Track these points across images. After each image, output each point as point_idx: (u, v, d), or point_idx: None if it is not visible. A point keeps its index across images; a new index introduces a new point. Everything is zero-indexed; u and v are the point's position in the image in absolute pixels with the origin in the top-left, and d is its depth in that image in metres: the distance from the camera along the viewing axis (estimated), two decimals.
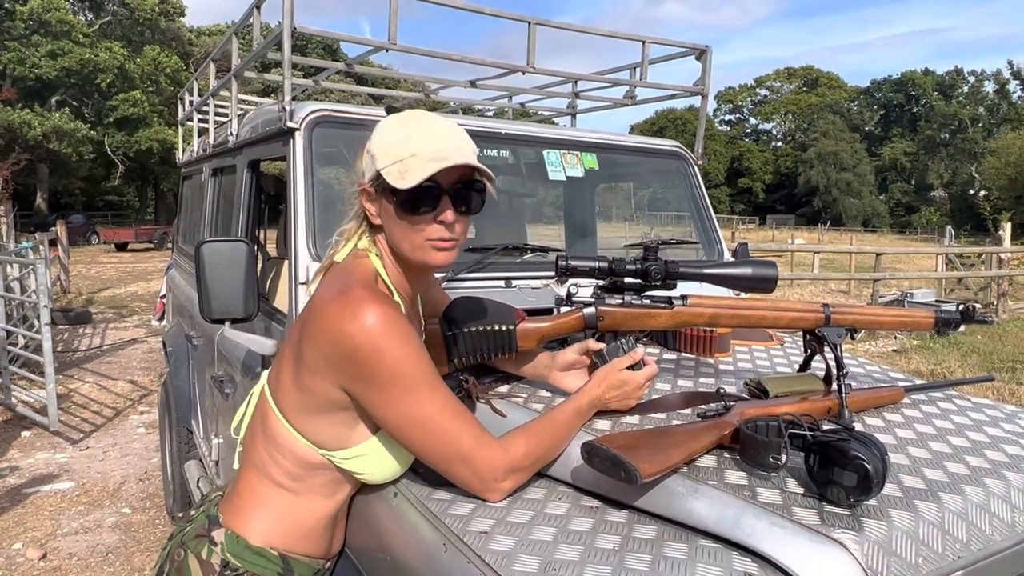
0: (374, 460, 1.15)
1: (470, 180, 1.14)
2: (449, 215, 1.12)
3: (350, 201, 1.22)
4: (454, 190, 1.12)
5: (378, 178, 1.11)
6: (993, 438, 1.31)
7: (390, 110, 1.22)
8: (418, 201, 1.10)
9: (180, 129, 4.78)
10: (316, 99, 2.33)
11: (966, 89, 62.89)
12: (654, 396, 1.42)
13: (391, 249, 1.18)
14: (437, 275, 1.91)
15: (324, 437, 1.13)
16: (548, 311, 1.51)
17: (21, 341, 6.29)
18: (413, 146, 1.10)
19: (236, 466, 1.26)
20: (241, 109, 2.86)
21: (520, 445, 1.11)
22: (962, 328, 1.48)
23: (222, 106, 3.28)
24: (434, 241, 1.13)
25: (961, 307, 1.42)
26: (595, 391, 1.25)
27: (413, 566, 1.05)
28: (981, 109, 60.73)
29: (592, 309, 1.37)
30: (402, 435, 1.09)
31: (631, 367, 1.29)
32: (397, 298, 1.17)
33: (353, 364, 1.04)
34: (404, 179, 1.08)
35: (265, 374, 1.24)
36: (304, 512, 1.17)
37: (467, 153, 1.11)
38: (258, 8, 2.23)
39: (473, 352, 1.37)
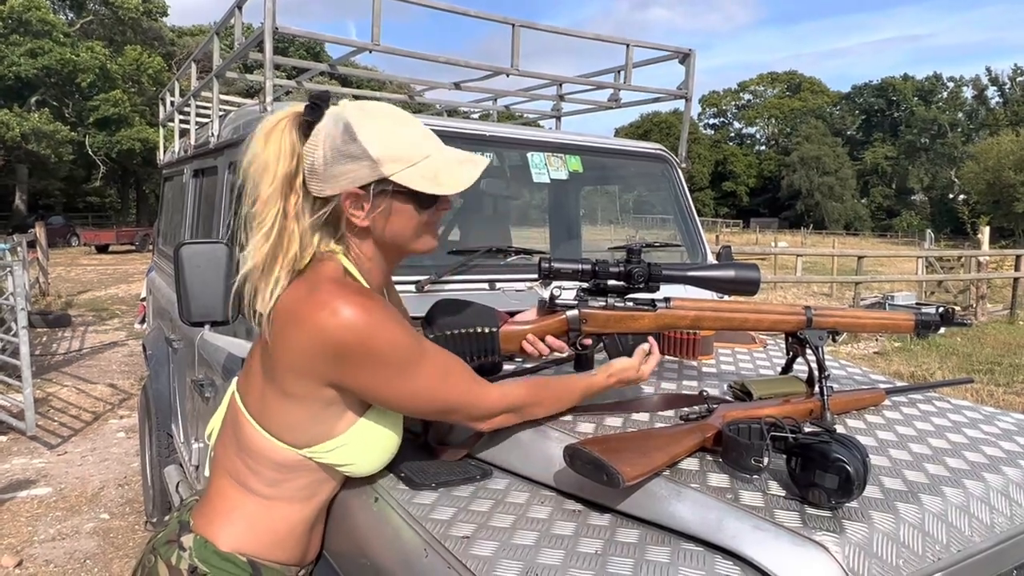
0: (358, 448, 1.13)
1: None
2: (448, 204, 1.16)
3: (264, 214, 1.08)
4: None
5: (382, 183, 1.08)
6: (972, 440, 1.32)
7: (317, 100, 1.10)
8: (435, 197, 1.12)
9: (162, 130, 4.73)
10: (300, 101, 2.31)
11: (945, 95, 63.75)
12: (638, 397, 1.42)
13: (375, 243, 1.15)
14: (415, 279, 1.90)
15: (305, 436, 1.11)
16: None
17: None
18: (421, 147, 1.10)
19: (207, 473, 1.24)
20: (223, 110, 2.83)
21: (520, 392, 1.19)
22: (941, 331, 1.49)
23: (204, 107, 3.26)
24: (434, 227, 1.17)
25: (941, 310, 1.43)
26: (608, 381, 1.30)
27: (393, 571, 1.04)
28: (960, 114, 61.60)
29: (575, 311, 1.37)
30: (399, 407, 1.14)
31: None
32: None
33: (342, 360, 1.03)
34: (440, 185, 1.09)
35: (234, 381, 1.22)
36: (277, 519, 1.15)
37: (478, 157, 1.17)
38: (239, 8, 2.21)
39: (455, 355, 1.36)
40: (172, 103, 3.98)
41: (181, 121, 3.81)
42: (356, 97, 4.08)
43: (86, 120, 29.86)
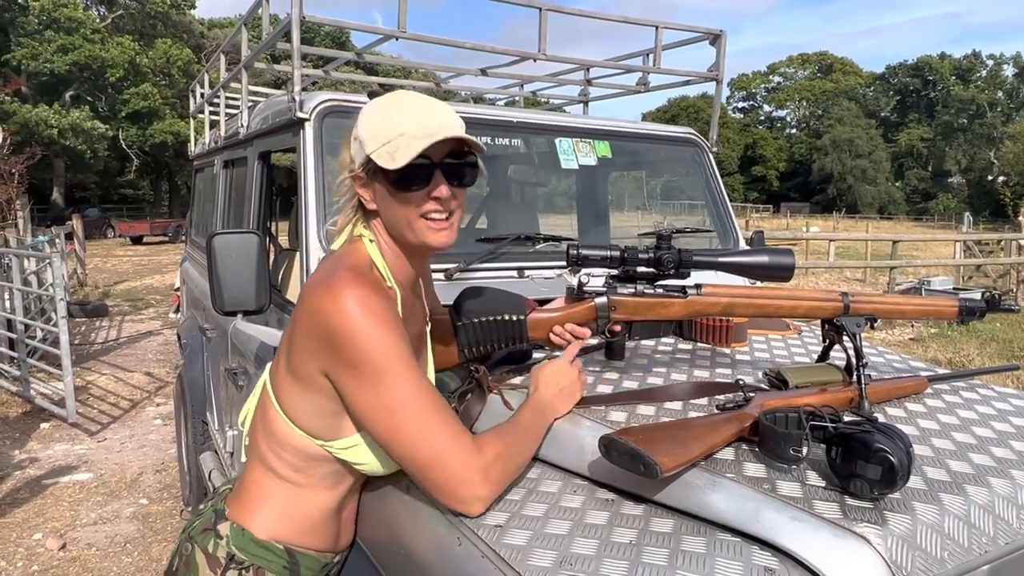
0: (370, 449, 1.13)
1: (461, 153, 1.13)
2: (443, 189, 1.11)
3: (340, 191, 1.20)
4: (446, 165, 1.12)
5: (369, 162, 1.11)
6: (1019, 428, 1.28)
7: (372, 95, 1.21)
8: (411, 179, 1.10)
9: (192, 122, 4.79)
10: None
11: (984, 73, 61.78)
12: (672, 385, 1.40)
13: (389, 233, 1.17)
14: (444, 267, 1.89)
15: (318, 427, 1.12)
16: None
17: (39, 334, 6.35)
18: (400, 126, 1.09)
19: (243, 459, 1.26)
20: (252, 101, 2.85)
21: (491, 443, 1.07)
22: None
23: (233, 98, 3.28)
24: (429, 220, 1.12)
25: (986, 295, 1.38)
26: (545, 393, 1.23)
27: (427, 560, 1.04)
28: (1000, 93, 59.66)
29: (604, 299, 1.35)
30: (373, 424, 1.05)
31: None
32: (393, 284, 1.16)
33: (329, 347, 1.04)
34: (395, 159, 1.07)
35: (268, 367, 1.23)
36: (309, 505, 1.17)
37: (454, 127, 1.11)
38: None
39: (483, 342, 1.35)
40: (202, 95, 4.01)
41: (211, 113, 3.85)
42: (382, 85, 4.09)
43: (119, 114, 30.41)
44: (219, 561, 1.14)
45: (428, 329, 1.33)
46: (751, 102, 74.36)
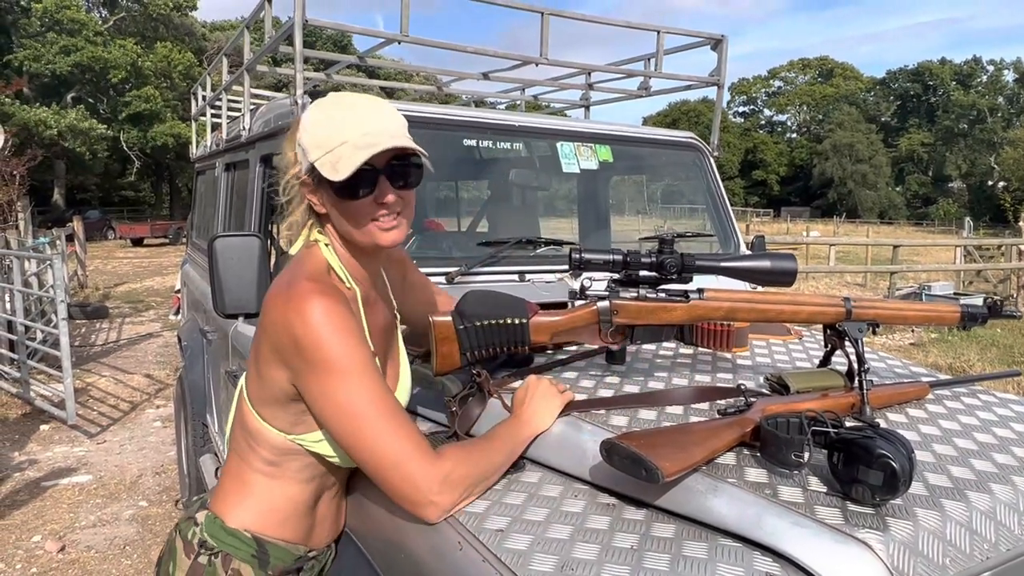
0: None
1: (405, 155, 1.14)
2: (389, 196, 1.12)
3: (286, 191, 1.19)
4: (390, 168, 1.12)
5: (313, 170, 1.11)
6: (1021, 434, 1.28)
7: (314, 95, 1.19)
8: (356, 187, 1.10)
9: (194, 124, 4.80)
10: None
11: (985, 79, 61.88)
12: (673, 390, 1.40)
13: (340, 235, 1.18)
14: (445, 271, 1.89)
15: (287, 424, 1.15)
16: (562, 305, 1.49)
17: (39, 336, 6.35)
18: (341, 134, 1.09)
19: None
20: (253, 104, 2.85)
21: (451, 454, 1.08)
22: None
23: (235, 101, 3.29)
24: (378, 222, 1.14)
25: (988, 301, 1.38)
26: (521, 409, 1.23)
27: (428, 564, 1.04)
28: (1000, 99, 59.73)
29: (606, 303, 1.35)
30: (336, 428, 1.07)
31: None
32: (352, 284, 1.18)
33: (295, 356, 1.06)
34: (337, 171, 1.07)
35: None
36: (281, 497, 1.19)
37: (396, 134, 1.11)
38: (269, 2, 2.22)
39: (485, 346, 1.35)
40: (204, 98, 4.02)
41: (212, 115, 3.86)
42: (383, 89, 4.10)
43: (120, 116, 30.48)
44: (193, 547, 1.18)
45: (397, 321, 1.36)
46: (752, 106, 74.44)
